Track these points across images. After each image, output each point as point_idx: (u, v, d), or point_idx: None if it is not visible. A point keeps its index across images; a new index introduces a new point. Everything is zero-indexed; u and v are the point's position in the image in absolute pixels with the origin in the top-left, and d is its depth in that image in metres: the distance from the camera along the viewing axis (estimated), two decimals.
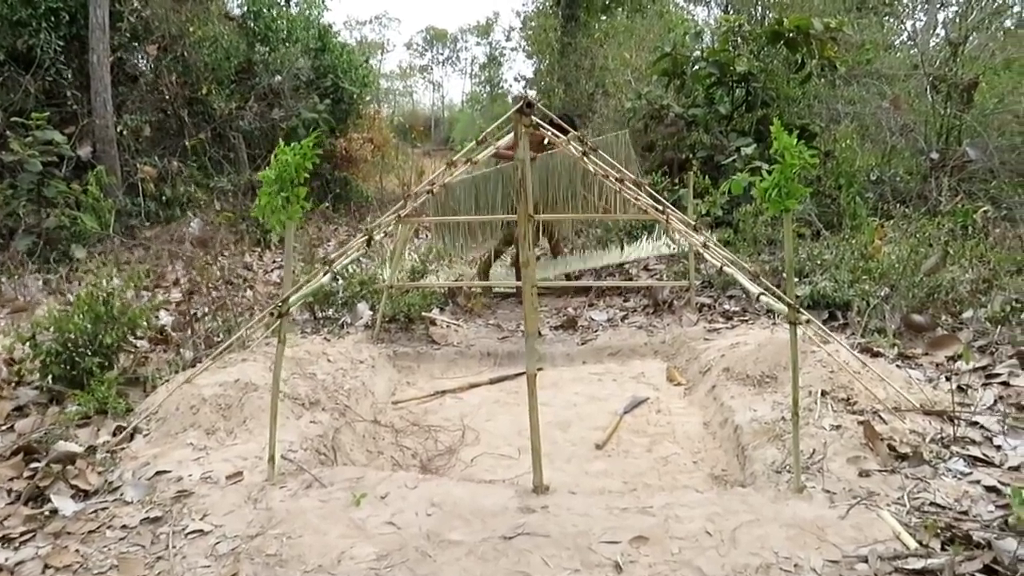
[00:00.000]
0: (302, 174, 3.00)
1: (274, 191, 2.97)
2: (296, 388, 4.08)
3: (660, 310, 5.88)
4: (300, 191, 3.04)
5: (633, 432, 4.12)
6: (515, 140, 2.92)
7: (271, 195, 2.98)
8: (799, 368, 4.23)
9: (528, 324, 3.03)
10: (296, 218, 3.01)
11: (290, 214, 2.99)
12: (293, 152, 2.99)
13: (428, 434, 4.16)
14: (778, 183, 2.87)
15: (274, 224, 3.02)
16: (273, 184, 2.98)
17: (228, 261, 8.62)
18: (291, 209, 2.99)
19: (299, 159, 2.97)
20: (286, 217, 3.00)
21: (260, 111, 11.00)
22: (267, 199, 2.98)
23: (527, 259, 3.01)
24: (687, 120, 9.12)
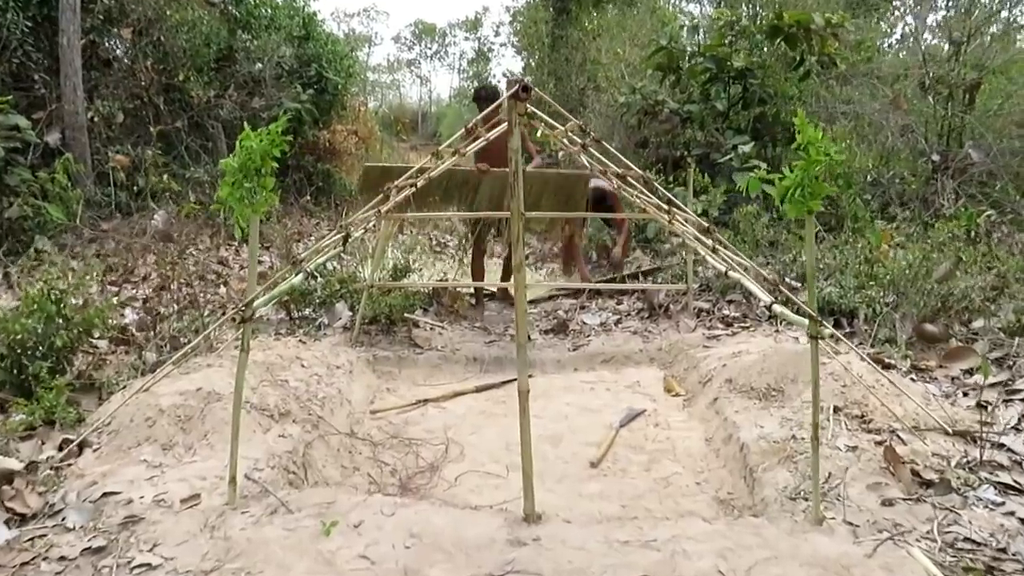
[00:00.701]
0: (269, 163, 2.68)
1: (238, 181, 2.64)
2: (265, 398, 3.74)
3: (656, 315, 5.59)
4: (267, 181, 2.71)
5: (630, 448, 3.82)
6: (509, 128, 2.61)
7: (234, 186, 2.65)
8: (808, 382, 3.96)
9: (519, 333, 2.71)
10: (262, 212, 2.68)
11: (255, 207, 2.66)
12: (259, 138, 2.66)
13: (409, 448, 3.84)
14: (801, 182, 2.57)
15: (237, 218, 2.69)
16: (236, 173, 2.65)
17: (203, 255, 8.26)
18: (256, 201, 2.66)
19: (266, 146, 2.64)
20: (251, 211, 2.67)
21: (240, 100, 10.61)
22: (229, 190, 2.65)
23: (519, 262, 2.69)
24: (682, 116, 8.83)
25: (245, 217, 2.67)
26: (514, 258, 2.64)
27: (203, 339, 4.23)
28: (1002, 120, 8.80)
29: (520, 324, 2.70)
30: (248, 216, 2.67)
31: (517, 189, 2.62)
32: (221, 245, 8.49)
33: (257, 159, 2.64)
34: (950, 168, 8.01)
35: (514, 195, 2.62)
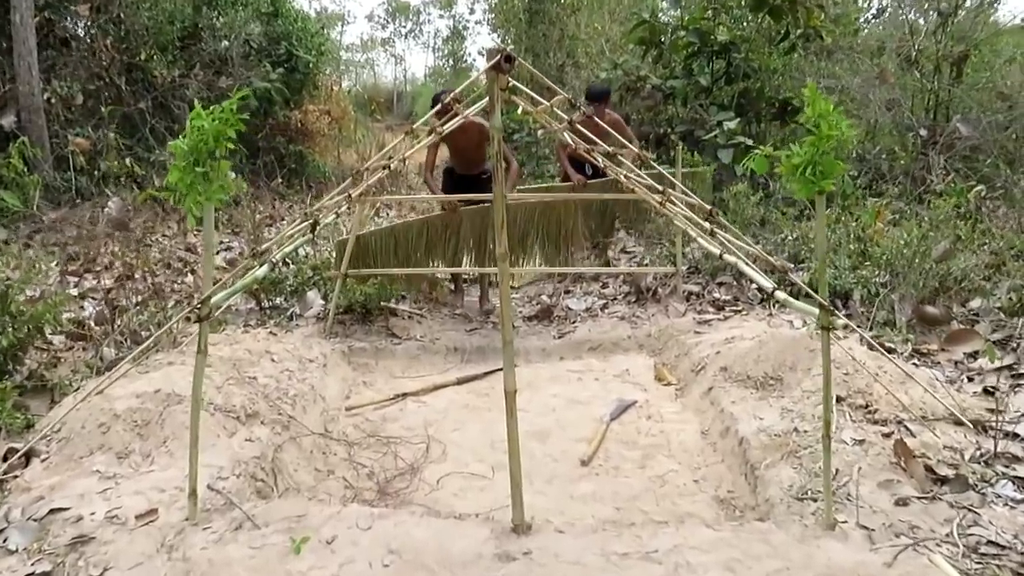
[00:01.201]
0: (224, 144, 2.40)
1: (188, 165, 2.37)
2: (231, 398, 3.48)
3: (643, 298, 5.37)
4: (222, 165, 2.44)
5: (622, 443, 3.61)
6: (490, 104, 2.35)
7: (185, 170, 2.37)
8: (808, 370, 3.77)
9: (504, 328, 2.47)
10: (217, 199, 2.41)
11: (208, 194, 2.39)
12: (211, 117, 2.38)
13: (387, 448, 3.60)
14: (812, 159, 2.34)
15: (189, 207, 2.42)
16: (187, 157, 2.37)
17: (169, 242, 7.93)
18: (209, 188, 2.38)
19: (218, 125, 2.37)
20: (203, 198, 2.40)
21: (207, 80, 10.19)
22: (179, 176, 2.38)
23: (503, 251, 2.45)
24: (665, 92, 8.58)
25: (198, 205, 2.40)
26: (498, 247, 2.40)
27: (159, 337, 3.96)
28: (987, 93, 8.64)
29: (505, 320, 2.46)
30: (201, 204, 2.39)
31: (498, 174, 2.38)
32: (189, 231, 8.14)
33: (210, 140, 2.36)
34: (938, 143, 7.84)
35: (496, 180, 2.37)
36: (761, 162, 2.41)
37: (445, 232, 5.20)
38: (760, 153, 2.43)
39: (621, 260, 6.57)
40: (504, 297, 2.46)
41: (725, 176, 7.39)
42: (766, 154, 2.42)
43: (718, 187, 7.42)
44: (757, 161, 2.42)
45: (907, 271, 4.62)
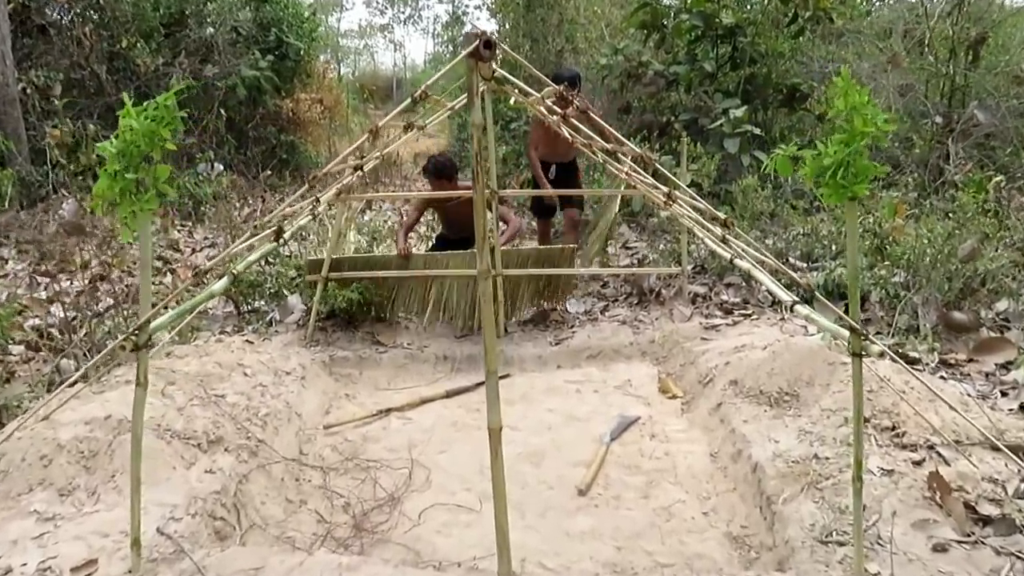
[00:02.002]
0: (159, 146, 2.07)
1: (119, 172, 2.04)
2: (192, 422, 3.16)
3: (646, 300, 5.04)
4: (160, 171, 2.11)
5: (624, 468, 3.29)
6: (469, 96, 2.02)
7: (115, 178, 2.04)
8: (827, 385, 3.45)
9: (488, 358, 2.15)
10: (152, 210, 2.08)
11: (143, 203, 2.06)
12: (143, 115, 2.05)
13: (366, 474, 3.28)
14: (844, 160, 2.01)
15: (121, 220, 2.09)
16: (117, 162, 2.04)
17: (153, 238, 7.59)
18: (144, 198, 2.05)
19: (152, 125, 2.04)
20: (138, 208, 2.07)
21: (192, 68, 9.83)
22: (109, 184, 2.05)
23: (485, 267, 2.12)
24: (668, 78, 8.21)
25: (130, 217, 2.07)
26: (479, 262, 2.07)
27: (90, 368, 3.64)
28: (1005, 78, 8.27)
29: (489, 346, 2.13)
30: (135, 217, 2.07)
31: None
32: (170, 226, 7.81)
33: (143, 142, 2.03)
34: (954, 131, 7.48)
35: (477, 181, 2.04)
36: (784, 164, 2.07)
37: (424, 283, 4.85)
38: (782, 153, 2.09)
39: (621, 257, 6.23)
40: (487, 322, 2.13)
41: (731, 167, 7.03)
42: (790, 154, 2.09)
43: (723, 178, 7.07)
44: (780, 162, 2.09)
45: (930, 272, 4.29)
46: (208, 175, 9.37)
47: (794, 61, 8.69)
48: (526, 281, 4.85)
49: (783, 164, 2.07)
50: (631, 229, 6.93)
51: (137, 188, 2.07)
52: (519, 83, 2.57)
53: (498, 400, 2.21)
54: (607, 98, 9.10)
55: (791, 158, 2.09)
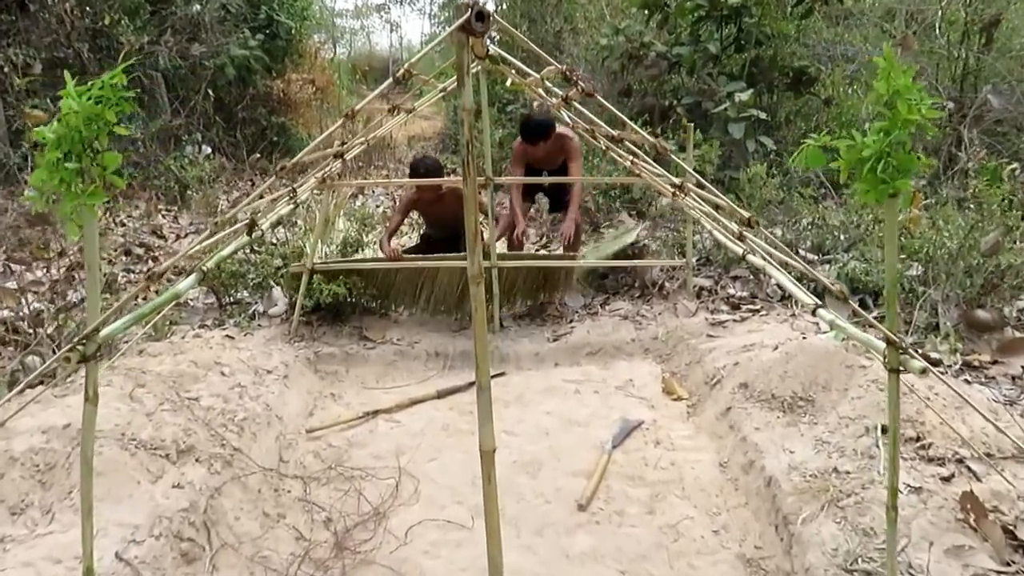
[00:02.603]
0: (104, 132, 1.82)
1: (57, 161, 1.79)
2: (161, 429, 2.92)
3: (648, 294, 4.80)
4: (108, 159, 1.86)
5: (627, 479, 3.07)
6: (459, 75, 1.76)
7: (54, 168, 1.79)
8: (844, 390, 3.22)
9: (479, 371, 1.91)
10: (96, 203, 1.83)
11: (86, 195, 1.81)
12: (85, 95, 1.79)
13: (350, 484, 3.05)
14: (884, 152, 1.77)
15: (62, 215, 1.84)
16: (56, 149, 1.79)
17: (136, 223, 7.33)
18: (87, 189, 1.80)
19: (96, 107, 1.78)
20: (80, 201, 1.82)
21: (179, 47, 9.50)
22: (48, 174, 1.79)
23: (478, 270, 1.87)
24: (670, 60, 7.92)
25: (73, 211, 1.82)
26: (469, 266, 1.83)
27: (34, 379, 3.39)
28: (1019, 62, 8.01)
29: (481, 358, 1.89)
30: (79, 211, 1.82)
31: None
32: (154, 211, 7.54)
33: (85, 127, 1.77)
34: (967, 116, 7.22)
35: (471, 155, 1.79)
36: (817, 156, 1.83)
37: (414, 281, 4.60)
38: (812, 144, 1.85)
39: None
40: (478, 331, 1.89)
41: (736, 153, 6.78)
42: (821, 144, 1.84)
43: (727, 164, 6.82)
44: (811, 155, 1.84)
45: (950, 266, 4.05)
46: (195, 158, 9.09)
47: (800, 43, 8.41)
48: (523, 276, 4.59)
49: (815, 156, 1.83)
50: (631, 216, 6.67)
51: (81, 179, 1.82)
52: (515, 62, 2.31)
53: (491, 419, 1.97)
54: (607, 80, 8.81)
55: (825, 149, 1.85)
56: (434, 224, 5.03)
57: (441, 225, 4.90)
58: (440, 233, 4.93)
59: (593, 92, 1.87)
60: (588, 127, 2.71)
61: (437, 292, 4.60)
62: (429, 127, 15.25)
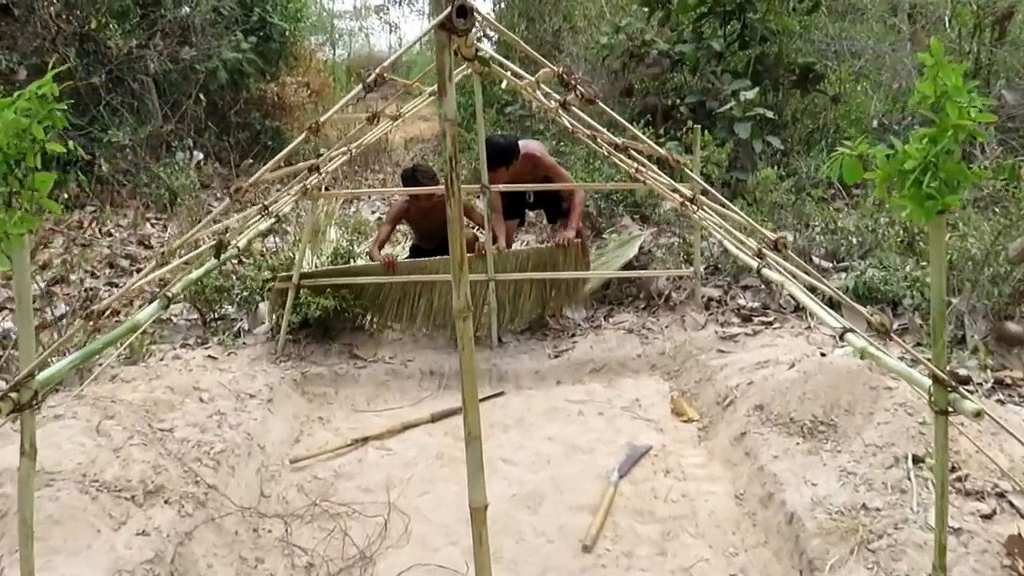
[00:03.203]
0: (33, 149, 1.59)
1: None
2: (128, 466, 2.69)
3: (654, 305, 4.56)
4: (40, 180, 1.63)
5: (635, 514, 2.83)
6: (440, 80, 1.53)
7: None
8: (870, 415, 2.98)
9: (468, 419, 1.67)
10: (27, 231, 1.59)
11: (14, 224, 1.57)
12: (12, 106, 1.56)
13: (335, 523, 2.82)
14: (931, 162, 1.53)
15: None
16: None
17: (123, 233, 7.10)
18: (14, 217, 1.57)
19: (21, 121, 1.55)
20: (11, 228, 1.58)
21: (169, 51, 9.27)
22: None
23: (465, 304, 1.64)
24: (673, 58, 7.68)
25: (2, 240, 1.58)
26: (455, 298, 1.59)
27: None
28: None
29: (469, 404, 1.66)
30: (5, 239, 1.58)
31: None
32: (143, 221, 7.32)
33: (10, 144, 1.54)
34: None
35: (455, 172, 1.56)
36: (854, 167, 1.59)
37: (404, 300, 4.36)
38: (848, 153, 1.61)
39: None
40: (466, 372, 1.65)
41: (742, 154, 6.53)
42: (858, 153, 1.61)
43: (733, 166, 6.57)
44: (847, 166, 1.60)
45: (976, 274, 3.81)
46: (186, 164, 8.86)
47: (805, 39, 8.17)
48: (527, 287, 4.35)
49: (852, 168, 1.59)
50: (633, 221, 6.43)
51: (8, 203, 1.58)
52: (508, 64, 2.08)
53: (481, 472, 1.74)
54: (608, 80, 8.56)
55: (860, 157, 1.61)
56: (425, 234, 4.79)
57: (432, 235, 4.67)
58: (430, 244, 4.69)
59: (594, 98, 1.64)
60: (589, 133, 2.47)
61: (434, 305, 4.36)
62: (428, 129, 14.99)
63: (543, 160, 4.43)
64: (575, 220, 4.44)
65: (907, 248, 4.61)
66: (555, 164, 4.55)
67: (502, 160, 4.23)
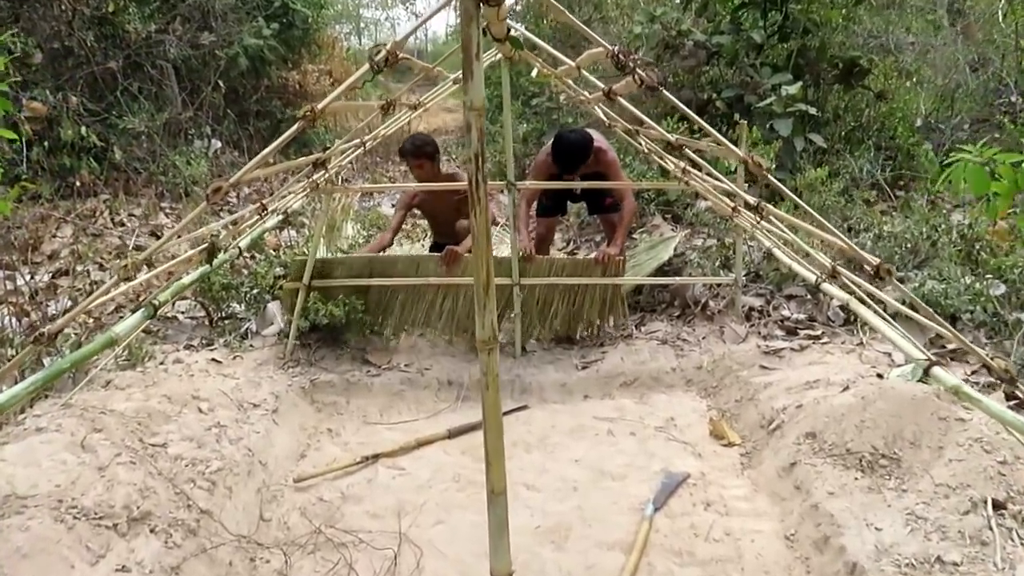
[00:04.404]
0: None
1: None
2: (112, 489, 2.43)
3: (690, 314, 4.25)
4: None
5: (673, 555, 2.53)
6: (465, 60, 1.24)
7: None
8: (939, 449, 2.66)
9: (493, 475, 1.39)
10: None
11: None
12: None
13: (340, 554, 2.55)
14: None
15: None
16: None
17: (137, 223, 6.89)
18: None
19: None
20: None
21: (188, 36, 9.05)
22: None
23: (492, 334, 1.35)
24: (710, 50, 7.32)
25: None
26: (478, 329, 1.31)
27: None
28: None
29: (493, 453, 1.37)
30: None
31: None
32: (157, 210, 7.11)
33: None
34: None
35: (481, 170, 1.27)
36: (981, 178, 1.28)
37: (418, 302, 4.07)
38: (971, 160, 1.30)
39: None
40: (491, 415, 1.36)
41: (783, 152, 6.18)
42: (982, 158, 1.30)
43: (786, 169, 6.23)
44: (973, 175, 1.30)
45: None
46: (204, 152, 8.65)
47: (849, 32, 7.77)
48: (557, 298, 4.03)
49: (979, 178, 1.28)
50: (665, 221, 6.11)
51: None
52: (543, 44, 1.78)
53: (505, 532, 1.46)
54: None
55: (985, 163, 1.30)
56: (440, 225, 4.52)
57: (446, 224, 4.39)
58: (448, 238, 4.41)
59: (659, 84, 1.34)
60: (633, 128, 2.17)
61: (457, 308, 4.07)
62: (452, 120, 14.71)
63: (608, 154, 4.09)
64: (621, 235, 4.13)
65: (965, 258, 4.26)
66: (618, 164, 4.22)
67: (582, 159, 3.89)
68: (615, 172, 4.14)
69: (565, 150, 3.87)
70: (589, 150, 3.92)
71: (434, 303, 4.06)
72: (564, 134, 4.05)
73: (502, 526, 1.44)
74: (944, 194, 6.07)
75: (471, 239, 3.99)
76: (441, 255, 3.95)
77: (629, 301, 4.48)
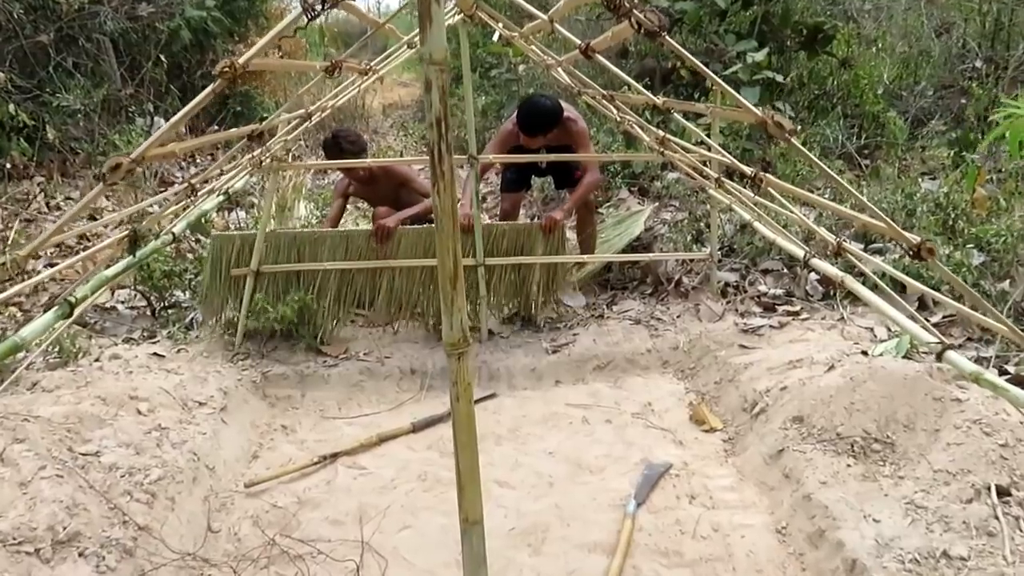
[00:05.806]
0: None
1: None
2: (35, 507, 2.16)
3: (663, 291, 4.07)
4: None
5: (658, 555, 2.35)
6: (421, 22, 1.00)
7: None
8: (935, 432, 2.51)
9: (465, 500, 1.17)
10: None
11: None
12: None
13: (296, 568, 2.32)
14: None
15: None
16: None
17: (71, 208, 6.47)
18: None
19: None
20: None
21: (124, 7, 8.55)
22: None
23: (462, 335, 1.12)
24: (673, 17, 7.10)
25: None
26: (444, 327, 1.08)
27: None
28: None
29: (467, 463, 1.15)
30: None
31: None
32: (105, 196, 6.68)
33: None
34: (1001, 77, 6.50)
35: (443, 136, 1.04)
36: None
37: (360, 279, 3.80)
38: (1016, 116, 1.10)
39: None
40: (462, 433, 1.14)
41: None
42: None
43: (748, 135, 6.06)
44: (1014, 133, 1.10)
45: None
46: (146, 131, 8.21)
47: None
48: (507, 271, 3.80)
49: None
50: (632, 194, 5.91)
51: None
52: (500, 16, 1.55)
53: (483, 566, 1.24)
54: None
55: None
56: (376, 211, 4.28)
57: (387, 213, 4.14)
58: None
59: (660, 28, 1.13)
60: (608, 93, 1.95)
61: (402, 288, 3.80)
62: (407, 94, 14.31)
63: (577, 123, 3.85)
64: (573, 202, 3.92)
65: (942, 227, 4.14)
66: (588, 136, 3.99)
67: (549, 125, 3.69)
68: (584, 144, 3.92)
69: (533, 111, 3.66)
70: (558, 115, 3.69)
71: (374, 284, 3.79)
72: (535, 96, 3.87)
73: (479, 562, 1.23)
74: (912, 162, 5.98)
75: (408, 214, 3.71)
76: (371, 230, 3.70)
77: (600, 279, 4.29)
